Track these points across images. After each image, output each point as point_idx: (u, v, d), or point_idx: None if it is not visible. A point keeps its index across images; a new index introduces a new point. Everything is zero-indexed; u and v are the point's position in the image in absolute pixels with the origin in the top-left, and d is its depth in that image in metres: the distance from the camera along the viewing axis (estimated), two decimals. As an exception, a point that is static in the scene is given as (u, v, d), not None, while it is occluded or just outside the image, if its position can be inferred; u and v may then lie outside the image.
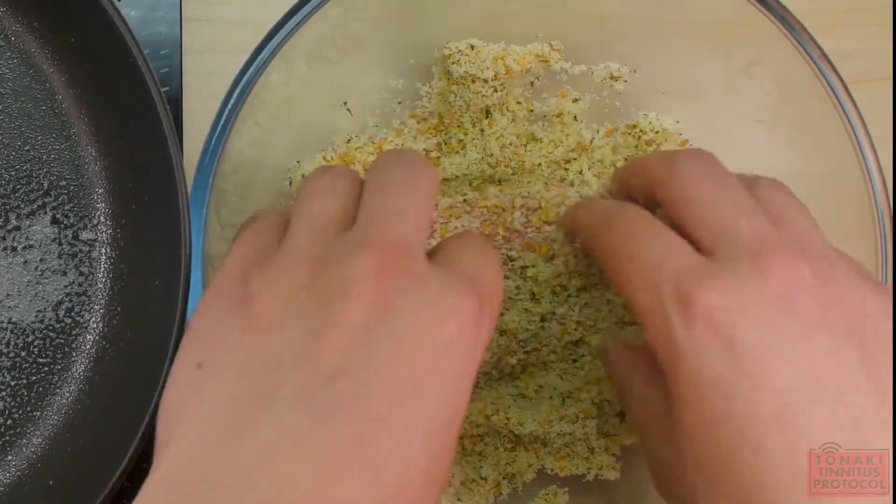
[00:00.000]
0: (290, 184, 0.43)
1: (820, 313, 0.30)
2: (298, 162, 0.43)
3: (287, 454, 0.27)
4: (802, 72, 0.39)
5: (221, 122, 0.38)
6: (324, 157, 0.43)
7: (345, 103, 0.43)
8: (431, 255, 0.33)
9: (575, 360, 0.42)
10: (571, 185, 0.43)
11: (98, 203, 0.45)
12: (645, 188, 0.36)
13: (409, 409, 0.28)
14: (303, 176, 0.42)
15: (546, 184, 0.42)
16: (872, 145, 0.39)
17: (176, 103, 0.47)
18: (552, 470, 0.42)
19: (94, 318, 0.44)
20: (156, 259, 0.42)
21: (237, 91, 0.38)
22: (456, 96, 0.43)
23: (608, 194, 0.41)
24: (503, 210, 0.41)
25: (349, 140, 0.43)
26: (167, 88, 0.47)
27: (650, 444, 0.36)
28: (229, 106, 0.38)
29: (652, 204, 0.36)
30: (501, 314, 0.41)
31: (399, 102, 0.44)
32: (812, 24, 0.40)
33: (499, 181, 0.43)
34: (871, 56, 0.39)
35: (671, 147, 0.43)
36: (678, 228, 0.33)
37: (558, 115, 0.44)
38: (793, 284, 0.30)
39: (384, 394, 0.28)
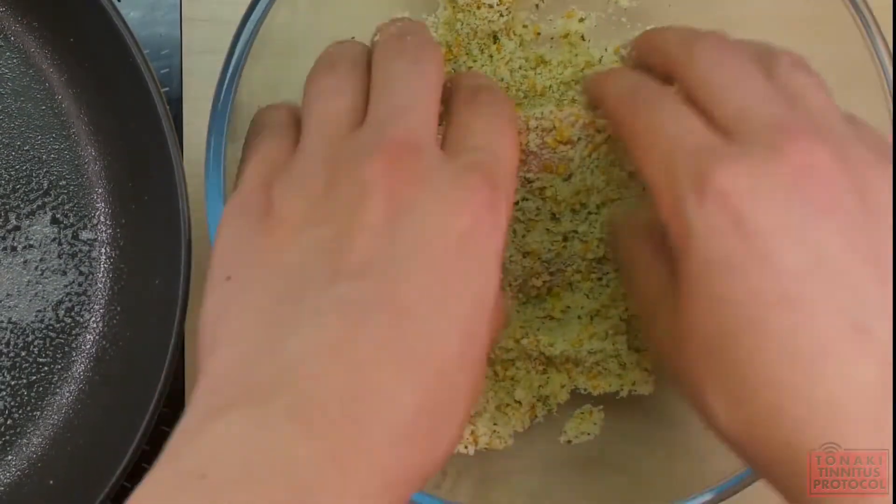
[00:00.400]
0: None
1: (833, 198, 0.30)
2: None
3: (321, 353, 0.27)
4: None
5: (231, 68, 0.38)
6: None
7: (352, 38, 0.43)
8: (445, 124, 0.34)
9: (600, 278, 0.42)
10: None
11: (98, 203, 0.45)
12: (663, 65, 0.36)
13: (436, 297, 0.29)
14: None
15: (558, 105, 0.42)
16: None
17: (176, 103, 0.47)
18: (585, 389, 0.42)
19: (93, 318, 0.44)
20: (156, 259, 0.42)
21: (243, 37, 0.38)
22: (462, 24, 0.43)
23: (625, 60, 0.41)
24: (517, 133, 0.41)
25: None
26: (167, 89, 0.47)
27: (651, 320, 0.36)
28: (237, 52, 0.38)
29: (668, 80, 0.36)
30: (523, 236, 0.41)
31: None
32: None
33: None
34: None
35: None
36: (696, 109, 0.33)
37: (565, 36, 0.43)
38: (809, 167, 0.30)
39: (410, 286, 0.28)
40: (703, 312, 0.31)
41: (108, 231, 0.45)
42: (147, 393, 0.40)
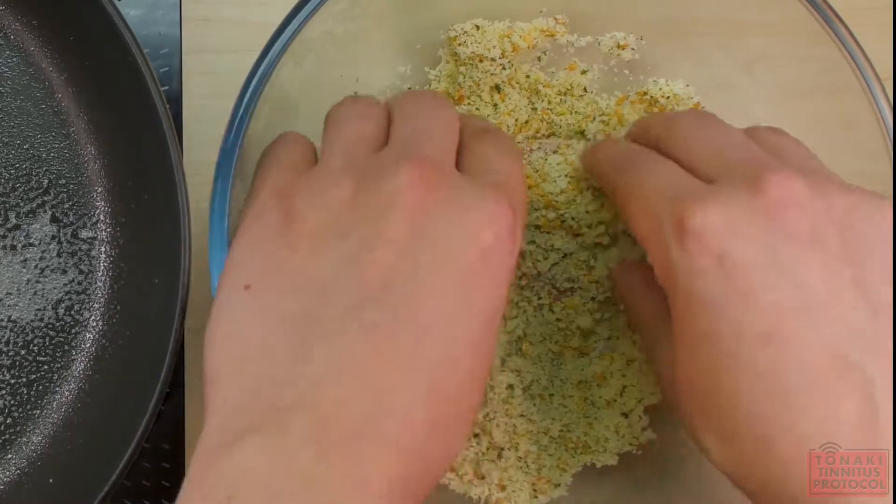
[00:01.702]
0: None
1: (814, 231, 0.30)
2: None
3: (343, 372, 0.28)
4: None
5: (237, 122, 0.38)
6: None
7: (355, 93, 0.43)
8: (459, 156, 0.34)
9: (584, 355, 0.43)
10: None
11: (98, 201, 0.45)
12: (649, 145, 0.37)
13: (453, 315, 0.29)
14: None
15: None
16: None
17: (176, 103, 0.47)
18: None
19: (93, 317, 0.44)
20: (156, 258, 0.42)
21: (249, 91, 0.38)
22: (465, 77, 0.43)
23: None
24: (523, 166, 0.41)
25: None
26: (167, 88, 0.47)
27: (650, 346, 0.37)
28: (243, 106, 0.38)
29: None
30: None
31: (409, 88, 0.44)
32: (813, 24, 0.40)
33: None
34: (871, 56, 0.39)
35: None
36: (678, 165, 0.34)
37: (568, 89, 0.44)
38: (787, 199, 0.30)
39: (430, 302, 0.29)
40: (689, 351, 0.31)
41: (108, 230, 0.45)
42: (147, 392, 0.40)
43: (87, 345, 0.44)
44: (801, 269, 0.30)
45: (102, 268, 0.45)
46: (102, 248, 0.45)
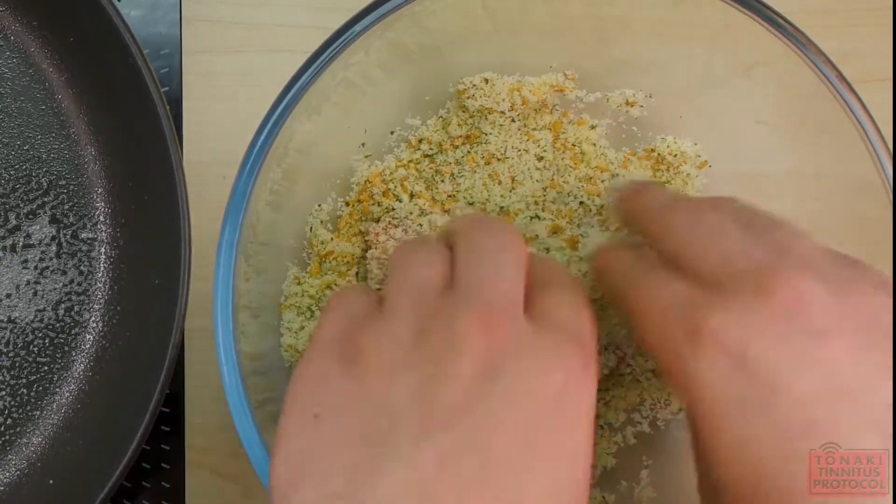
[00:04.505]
0: (311, 229, 0.43)
1: (833, 320, 0.30)
2: (320, 205, 0.43)
3: (414, 496, 0.28)
4: (804, 73, 0.39)
5: (246, 171, 0.38)
6: (345, 202, 0.43)
7: (362, 144, 0.43)
8: (527, 304, 0.34)
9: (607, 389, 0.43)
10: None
11: (97, 202, 0.45)
12: (645, 234, 0.37)
13: (526, 450, 0.29)
14: (321, 222, 0.43)
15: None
16: (885, 143, 0.39)
17: (176, 103, 0.47)
18: None
19: (93, 318, 0.44)
20: (156, 259, 0.42)
21: (261, 140, 0.38)
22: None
23: (611, 210, 0.41)
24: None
25: (367, 180, 0.43)
26: (167, 88, 0.47)
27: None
28: (253, 155, 0.38)
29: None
30: None
31: (420, 141, 0.44)
32: (812, 25, 0.40)
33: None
34: (871, 56, 0.39)
35: (690, 170, 0.43)
36: (682, 273, 0.34)
37: (577, 143, 0.44)
38: (800, 298, 0.30)
39: (504, 439, 0.29)
40: (727, 457, 0.31)
41: (108, 231, 0.45)
42: (147, 393, 0.40)
43: (88, 346, 0.44)
44: (827, 358, 0.30)
45: (102, 269, 0.45)
46: (102, 249, 0.45)
